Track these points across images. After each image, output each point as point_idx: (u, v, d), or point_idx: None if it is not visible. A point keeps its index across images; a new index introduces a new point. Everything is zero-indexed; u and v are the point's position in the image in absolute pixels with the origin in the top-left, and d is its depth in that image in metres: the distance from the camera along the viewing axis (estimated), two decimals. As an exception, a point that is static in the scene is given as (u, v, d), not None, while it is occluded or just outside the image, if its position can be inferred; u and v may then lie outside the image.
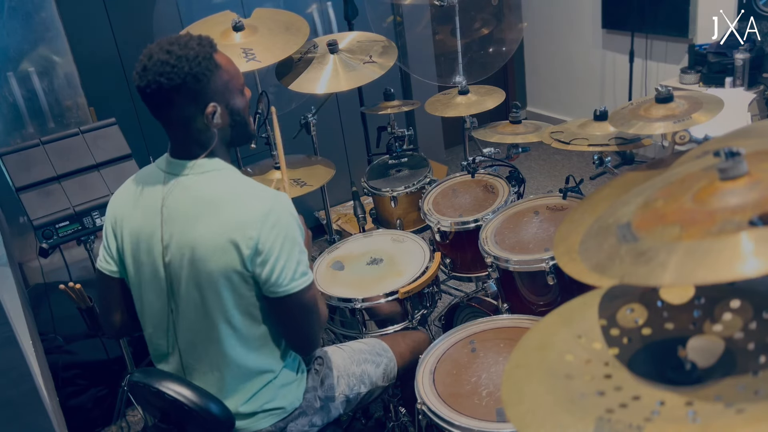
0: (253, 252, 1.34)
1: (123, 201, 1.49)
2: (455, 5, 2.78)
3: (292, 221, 1.40)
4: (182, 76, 1.31)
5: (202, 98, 1.35)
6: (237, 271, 1.36)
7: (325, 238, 3.15)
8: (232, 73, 1.41)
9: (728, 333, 0.83)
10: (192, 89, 1.33)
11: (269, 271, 1.36)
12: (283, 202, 1.40)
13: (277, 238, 1.35)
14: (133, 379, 1.50)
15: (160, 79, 1.30)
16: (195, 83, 1.33)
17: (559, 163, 4.42)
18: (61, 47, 2.65)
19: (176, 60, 1.31)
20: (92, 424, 2.60)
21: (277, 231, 1.35)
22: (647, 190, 0.90)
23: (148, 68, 1.32)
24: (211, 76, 1.35)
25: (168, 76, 1.30)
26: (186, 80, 1.32)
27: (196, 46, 1.34)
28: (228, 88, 1.40)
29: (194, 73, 1.32)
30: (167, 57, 1.31)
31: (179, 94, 1.33)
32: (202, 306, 1.41)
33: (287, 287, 1.39)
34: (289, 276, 1.38)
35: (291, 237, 1.38)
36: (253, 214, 1.34)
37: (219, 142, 1.43)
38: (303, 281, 1.40)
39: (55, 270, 2.58)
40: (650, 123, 1.59)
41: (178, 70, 1.30)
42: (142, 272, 1.46)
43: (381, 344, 1.81)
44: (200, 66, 1.33)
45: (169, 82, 1.31)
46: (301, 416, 1.57)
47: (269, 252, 1.35)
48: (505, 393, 0.83)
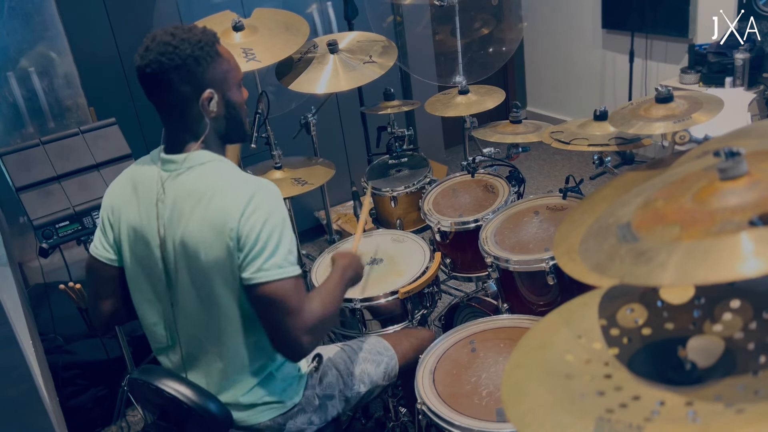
0: (236, 242, 1.34)
1: (119, 193, 1.50)
2: (455, 5, 2.78)
3: (273, 210, 1.36)
4: (183, 57, 1.32)
5: (200, 83, 1.36)
6: (228, 262, 1.36)
7: (325, 238, 3.16)
8: (232, 65, 1.43)
9: (728, 333, 0.83)
10: (191, 71, 1.34)
11: (242, 258, 1.34)
12: (266, 191, 1.37)
13: (255, 225, 1.33)
14: (132, 377, 1.51)
15: (161, 59, 1.32)
16: (195, 65, 1.34)
17: (559, 163, 4.42)
18: (61, 47, 2.65)
19: (179, 42, 1.33)
20: (92, 424, 2.60)
21: (255, 218, 1.33)
22: (647, 190, 0.90)
23: (150, 48, 1.33)
24: (212, 62, 1.37)
25: (169, 56, 1.32)
26: (186, 61, 1.33)
27: (200, 33, 1.37)
28: (226, 79, 1.41)
29: (195, 56, 1.33)
30: (170, 38, 1.33)
31: (178, 75, 1.33)
32: (199, 299, 1.42)
33: (254, 275, 1.34)
34: (258, 264, 1.33)
35: (270, 225, 1.34)
36: (234, 206, 1.34)
37: (212, 133, 1.43)
38: (274, 273, 1.33)
39: (55, 270, 2.58)
40: (650, 123, 1.59)
41: (180, 51, 1.32)
42: (141, 265, 1.47)
43: (382, 343, 1.81)
44: (202, 51, 1.35)
45: (169, 62, 1.32)
46: (299, 413, 1.57)
47: (245, 240, 1.33)
48: (505, 393, 0.83)
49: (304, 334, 1.37)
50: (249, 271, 1.34)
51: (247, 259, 1.34)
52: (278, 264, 1.35)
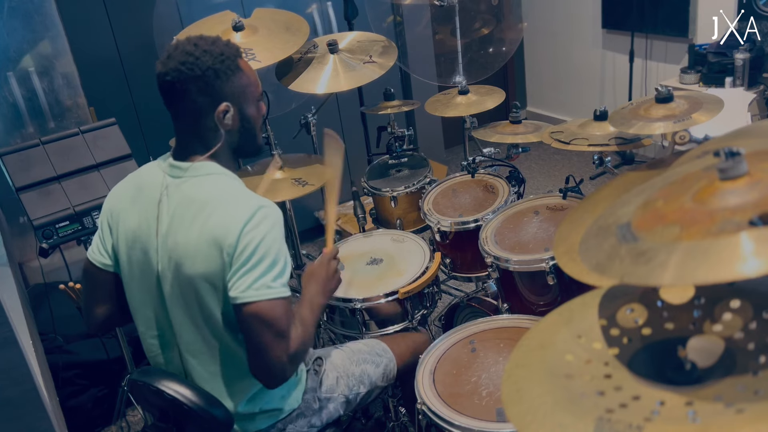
0: (230, 257, 1.32)
1: (121, 197, 1.49)
2: (455, 5, 2.78)
3: (271, 231, 1.34)
4: (203, 68, 1.33)
5: (218, 95, 1.37)
6: (219, 276, 1.34)
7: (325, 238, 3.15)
8: (251, 80, 1.43)
9: (728, 333, 0.82)
10: (209, 84, 1.35)
11: (231, 275, 1.32)
12: (269, 210, 1.36)
13: (250, 243, 1.31)
14: (132, 378, 1.50)
15: (181, 68, 1.33)
16: (214, 78, 1.35)
17: (559, 163, 4.42)
18: (61, 47, 2.65)
19: (201, 53, 1.34)
20: (92, 424, 2.60)
21: (251, 236, 1.31)
22: (647, 190, 0.90)
23: (172, 56, 1.35)
24: (231, 76, 1.37)
25: (189, 65, 1.33)
26: (206, 73, 1.34)
27: (223, 46, 1.38)
28: (245, 93, 1.41)
29: (215, 69, 1.34)
30: (193, 49, 1.34)
31: (196, 86, 1.34)
32: (190, 310, 1.40)
33: (241, 294, 1.30)
34: (247, 283, 1.30)
35: (265, 245, 1.32)
36: (236, 220, 1.32)
37: (224, 145, 1.43)
38: (263, 293, 1.30)
39: (55, 270, 2.58)
40: (650, 123, 1.59)
41: (201, 62, 1.33)
42: (137, 271, 1.46)
43: (380, 344, 1.81)
44: (223, 64, 1.35)
45: (189, 72, 1.33)
46: (299, 418, 1.56)
47: (240, 254, 1.31)
48: (505, 393, 0.83)
49: (288, 359, 1.34)
50: (238, 289, 1.31)
51: (237, 275, 1.31)
52: (268, 284, 1.32)
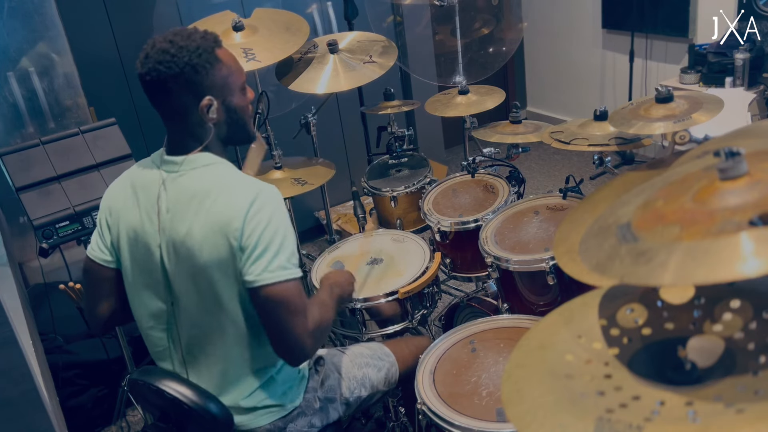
0: (239, 242, 1.34)
1: (119, 195, 1.49)
2: (455, 5, 2.78)
3: (276, 212, 1.37)
4: (180, 65, 1.32)
5: (200, 90, 1.36)
6: (230, 262, 1.36)
7: (325, 238, 3.16)
8: (233, 69, 1.42)
9: (728, 333, 0.83)
10: (189, 80, 1.34)
11: (245, 260, 1.34)
12: (269, 192, 1.38)
13: (257, 228, 1.33)
14: (133, 378, 1.50)
15: (159, 67, 1.32)
16: (193, 74, 1.34)
17: (559, 163, 4.42)
18: (61, 47, 2.65)
19: (177, 50, 1.32)
20: (92, 424, 2.60)
21: (257, 220, 1.34)
22: (647, 190, 0.90)
23: (149, 56, 1.34)
24: (210, 69, 1.36)
25: (167, 64, 1.32)
26: (184, 70, 1.33)
27: (199, 39, 1.36)
28: (227, 84, 1.40)
29: (193, 64, 1.33)
30: (168, 46, 1.33)
31: (176, 84, 1.34)
32: (201, 301, 1.41)
33: (258, 277, 1.34)
34: (263, 266, 1.33)
35: (272, 228, 1.35)
36: (239, 206, 1.34)
37: (215, 137, 1.43)
38: (278, 275, 1.34)
39: (55, 270, 2.58)
40: (650, 123, 1.59)
41: (178, 59, 1.32)
42: (140, 268, 1.46)
43: (383, 349, 1.81)
44: (200, 58, 1.34)
45: (167, 71, 1.32)
46: (300, 416, 1.56)
47: (248, 239, 1.33)
48: (505, 393, 0.83)
49: (308, 336, 1.38)
50: (253, 273, 1.34)
51: (251, 259, 1.34)
52: (282, 265, 1.35)
